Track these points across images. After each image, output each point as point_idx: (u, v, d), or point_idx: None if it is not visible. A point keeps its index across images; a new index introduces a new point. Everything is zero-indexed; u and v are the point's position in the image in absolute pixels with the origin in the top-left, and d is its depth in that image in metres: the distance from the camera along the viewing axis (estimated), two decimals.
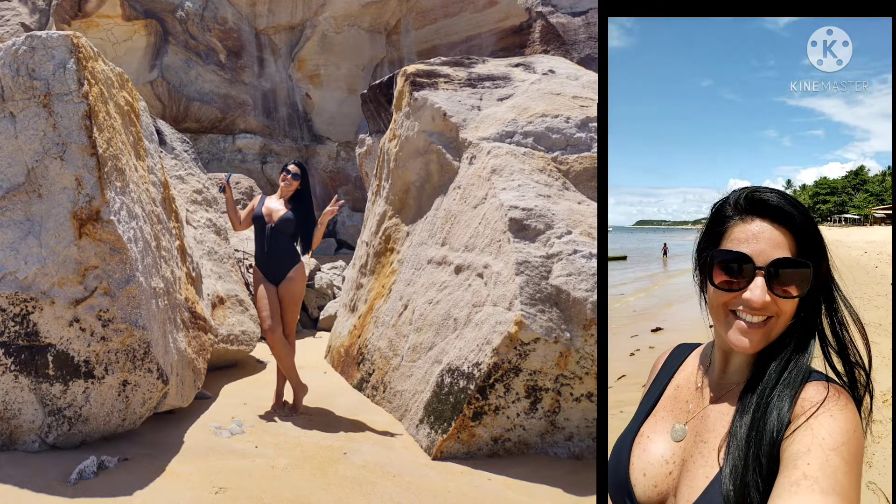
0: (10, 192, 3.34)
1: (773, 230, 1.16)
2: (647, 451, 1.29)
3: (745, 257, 1.16)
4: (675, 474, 1.23)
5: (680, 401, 1.33)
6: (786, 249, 1.15)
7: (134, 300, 3.43)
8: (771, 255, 1.14)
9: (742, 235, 1.18)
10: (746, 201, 1.19)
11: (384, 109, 9.88)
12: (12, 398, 3.41)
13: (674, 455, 1.25)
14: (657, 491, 1.25)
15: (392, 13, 15.73)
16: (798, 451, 1.03)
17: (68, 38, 3.40)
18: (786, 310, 1.16)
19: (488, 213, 4.30)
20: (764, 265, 1.14)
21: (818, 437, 1.03)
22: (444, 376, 4.08)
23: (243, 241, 8.00)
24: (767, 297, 1.14)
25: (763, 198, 1.17)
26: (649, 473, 1.27)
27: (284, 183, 4.81)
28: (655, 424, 1.33)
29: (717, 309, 1.21)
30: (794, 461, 1.02)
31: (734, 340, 1.17)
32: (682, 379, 1.37)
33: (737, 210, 1.20)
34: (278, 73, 15.40)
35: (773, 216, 1.16)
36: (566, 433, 3.94)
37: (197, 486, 3.22)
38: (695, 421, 1.26)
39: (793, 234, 1.16)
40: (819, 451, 1.01)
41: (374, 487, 3.41)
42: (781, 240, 1.15)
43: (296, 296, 4.71)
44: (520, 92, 5.34)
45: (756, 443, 1.08)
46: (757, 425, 1.10)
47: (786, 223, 1.16)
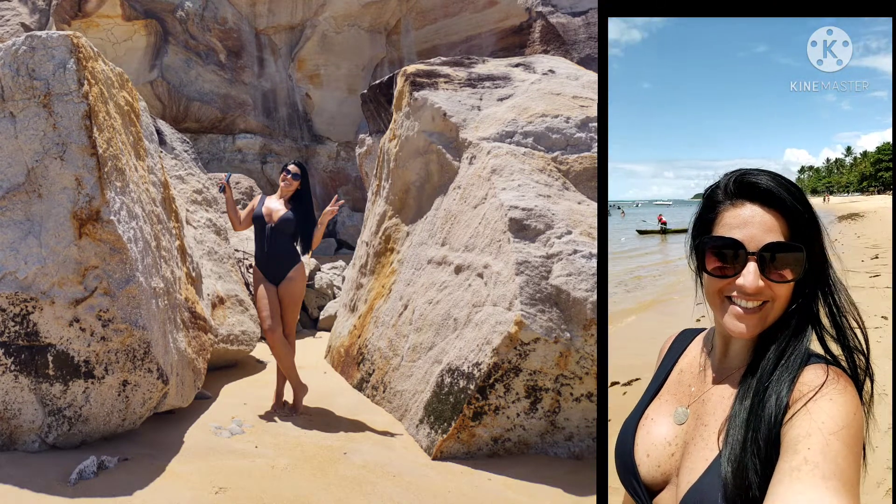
0: (10, 192, 3.34)
1: (765, 214, 1.14)
2: (650, 434, 1.31)
3: (737, 243, 1.15)
4: (678, 456, 1.24)
5: (683, 384, 1.35)
6: (778, 233, 1.14)
7: (134, 300, 3.43)
8: (763, 239, 1.13)
9: (733, 221, 1.17)
10: (736, 185, 1.18)
11: (384, 109, 9.88)
12: (12, 398, 3.41)
13: (676, 437, 1.27)
14: (660, 471, 1.26)
15: (392, 13, 15.73)
16: (798, 435, 1.02)
17: (68, 38, 3.40)
18: (780, 294, 1.15)
19: (488, 213, 4.30)
20: (756, 250, 1.14)
21: (818, 422, 1.03)
22: (444, 376, 4.08)
23: (243, 241, 8.00)
24: (760, 283, 1.13)
25: (752, 181, 1.16)
26: (653, 455, 1.28)
27: (284, 183, 4.81)
28: (659, 407, 1.35)
29: (713, 295, 1.21)
30: (794, 446, 1.02)
31: (730, 326, 1.17)
32: (686, 363, 1.38)
33: (727, 195, 1.19)
34: (278, 73, 15.40)
35: (763, 200, 1.15)
36: (566, 433, 3.94)
37: (197, 486, 3.22)
38: (696, 404, 1.27)
39: (784, 217, 1.14)
40: (819, 436, 1.01)
41: (374, 487, 3.41)
42: (773, 223, 1.14)
43: (296, 296, 4.71)
44: (520, 92, 5.34)
45: (755, 426, 1.08)
46: (756, 409, 1.10)
47: (777, 206, 1.14)
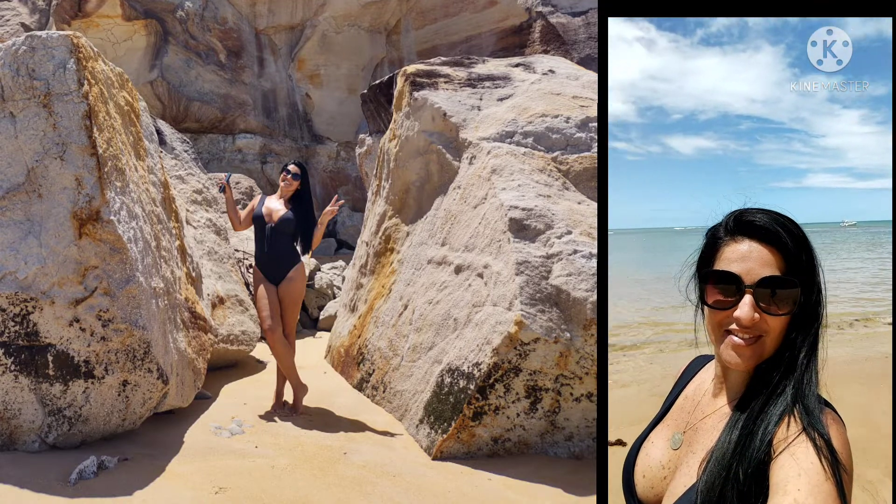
0: (10, 192, 3.34)
1: (762, 249, 1.19)
2: (648, 456, 1.38)
3: (734, 276, 1.19)
4: (669, 480, 1.29)
5: (684, 411, 1.40)
6: (774, 268, 1.18)
7: (134, 300, 3.43)
8: (759, 273, 1.18)
9: (732, 255, 1.22)
10: (735, 223, 1.24)
11: (384, 109, 9.88)
12: (12, 398, 3.41)
13: (670, 462, 1.32)
14: (654, 493, 1.34)
15: (392, 13, 15.73)
16: (787, 476, 1.05)
17: (68, 38, 3.40)
18: (775, 327, 1.19)
19: (488, 213, 4.30)
20: (752, 284, 1.18)
21: (806, 462, 1.05)
22: (444, 376, 4.08)
23: (243, 241, 7.99)
24: (756, 315, 1.17)
25: (750, 219, 1.22)
26: (647, 476, 1.36)
27: (284, 183, 4.81)
28: (661, 431, 1.41)
29: (713, 328, 1.25)
30: (783, 487, 1.04)
31: (727, 357, 1.21)
32: (692, 390, 1.43)
33: (727, 231, 1.25)
34: (278, 73, 15.40)
35: (761, 236, 1.20)
36: (566, 433, 3.94)
37: (197, 486, 3.22)
38: (690, 432, 1.32)
39: (781, 253, 1.19)
40: (808, 476, 1.03)
41: (374, 487, 3.41)
42: (770, 259, 1.18)
43: (296, 296, 4.71)
44: (520, 92, 5.34)
45: (739, 460, 1.11)
46: (743, 442, 1.13)
47: (773, 243, 1.19)
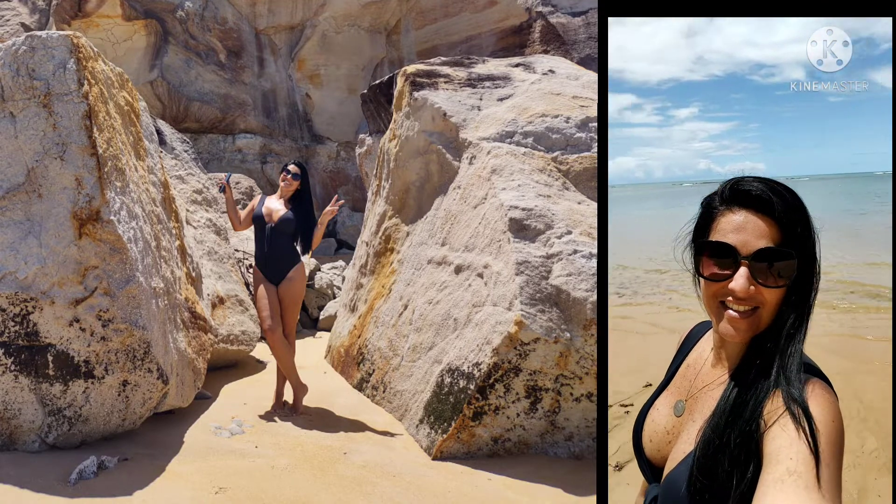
0: (10, 192, 3.34)
1: (758, 220, 1.17)
2: (654, 422, 1.42)
3: (730, 248, 1.17)
4: (672, 444, 1.32)
5: (686, 379, 1.41)
6: (770, 239, 1.16)
7: (134, 300, 3.43)
8: (755, 245, 1.16)
9: (727, 226, 1.20)
10: (731, 192, 1.21)
11: (384, 109, 9.88)
12: (12, 398, 3.41)
13: (674, 428, 1.35)
14: (660, 455, 1.37)
15: (392, 13, 15.73)
16: (780, 445, 1.05)
17: (68, 38, 3.40)
18: (771, 299, 1.17)
19: (488, 213, 4.30)
20: (747, 255, 1.16)
21: (794, 433, 1.06)
22: (444, 376, 4.08)
23: (243, 241, 7.99)
24: (751, 287, 1.16)
25: (745, 188, 1.19)
26: (654, 441, 1.40)
27: (284, 183, 4.81)
28: (666, 398, 1.44)
29: (709, 300, 1.24)
30: (776, 456, 1.05)
31: (723, 330, 1.21)
32: (693, 358, 1.44)
33: (723, 201, 1.22)
34: (278, 73, 15.39)
35: (756, 206, 1.17)
36: (566, 433, 3.94)
37: (197, 486, 3.22)
38: (691, 400, 1.34)
39: (777, 223, 1.16)
40: (800, 446, 1.04)
41: (374, 487, 3.41)
42: (765, 230, 1.16)
43: (296, 296, 4.71)
44: (520, 92, 5.34)
45: (731, 428, 1.12)
46: (735, 412, 1.14)
47: (769, 212, 1.16)
